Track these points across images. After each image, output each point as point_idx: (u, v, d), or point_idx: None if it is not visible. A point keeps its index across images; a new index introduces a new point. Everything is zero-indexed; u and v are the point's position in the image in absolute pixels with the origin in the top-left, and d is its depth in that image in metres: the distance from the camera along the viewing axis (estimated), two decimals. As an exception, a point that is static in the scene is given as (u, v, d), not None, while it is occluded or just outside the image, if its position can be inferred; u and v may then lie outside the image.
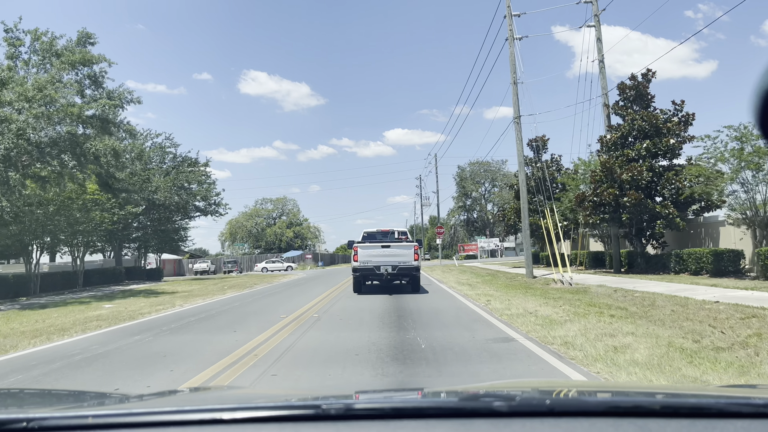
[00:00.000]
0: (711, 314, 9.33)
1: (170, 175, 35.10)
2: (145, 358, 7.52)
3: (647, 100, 21.94)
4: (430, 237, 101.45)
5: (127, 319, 12.69)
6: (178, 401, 2.09)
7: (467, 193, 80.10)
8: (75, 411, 1.76)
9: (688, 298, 12.06)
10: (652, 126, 20.85)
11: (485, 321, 10.31)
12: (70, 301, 20.27)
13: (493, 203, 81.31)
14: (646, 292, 13.92)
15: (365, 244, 17.16)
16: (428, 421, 1.34)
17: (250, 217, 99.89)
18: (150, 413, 1.50)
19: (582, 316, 10.10)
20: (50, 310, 16.81)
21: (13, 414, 1.47)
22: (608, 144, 22.24)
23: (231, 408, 1.48)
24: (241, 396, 2.41)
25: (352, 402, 1.62)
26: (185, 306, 15.98)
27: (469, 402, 1.52)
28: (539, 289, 16.99)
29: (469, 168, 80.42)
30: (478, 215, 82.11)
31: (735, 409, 1.35)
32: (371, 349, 7.33)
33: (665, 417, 1.32)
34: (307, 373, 6.19)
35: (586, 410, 1.39)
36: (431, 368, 6.15)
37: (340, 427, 1.34)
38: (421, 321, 10.47)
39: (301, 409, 1.48)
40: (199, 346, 8.31)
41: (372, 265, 16.65)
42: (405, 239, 18.63)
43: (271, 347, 7.82)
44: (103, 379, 6.25)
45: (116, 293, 24.80)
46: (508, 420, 1.32)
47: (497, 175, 79.59)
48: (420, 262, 16.95)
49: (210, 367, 6.56)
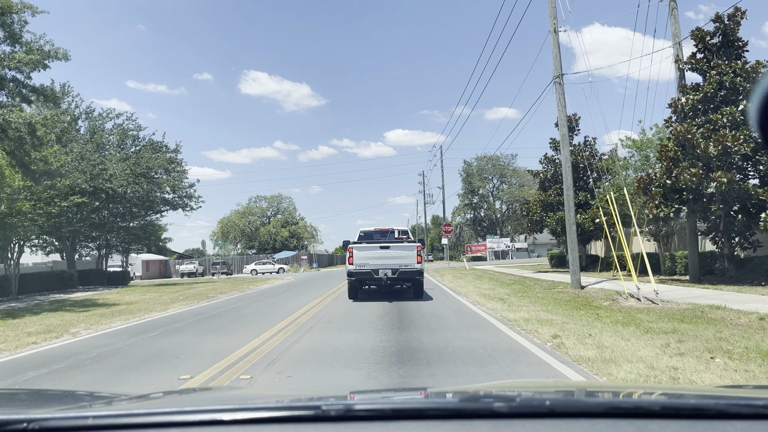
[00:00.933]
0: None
1: (129, 160, 29.42)
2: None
3: (737, 48, 16.32)
4: (432, 237, 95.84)
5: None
6: (179, 402, 2.04)
7: (474, 190, 74.28)
8: (76, 412, 1.71)
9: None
10: (750, 81, 15.22)
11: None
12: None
13: (501, 201, 75.60)
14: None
15: (362, 245, 15.47)
16: (428, 422, 1.34)
17: (242, 215, 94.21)
18: (150, 414, 1.49)
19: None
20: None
21: (14, 415, 1.45)
22: (684, 109, 16.59)
23: (231, 409, 1.48)
24: (242, 397, 2.31)
25: (352, 403, 1.61)
26: (68, 340, 10.35)
27: (470, 403, 1.55)
28: (614, 310, 11.34)
29: (476, 163, 74.74)
30: (485, 213, 76.31)
31: (735, 410, 1.34)
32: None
33: (666, 418, 1.31)
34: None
35: (587, 411, 1.38)
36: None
37: (340, 428, 1.34)
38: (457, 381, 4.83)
39: (301, 410, 1.47)
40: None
41: (369, 269, 15.01)
42: (406, 239, 17.11)
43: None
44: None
45: (36, 306, 19.23)
46: (509, 421, 1.32)
47: (506, 170, 73.85)
48: (423, 265, 15.43)
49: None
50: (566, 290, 16.97)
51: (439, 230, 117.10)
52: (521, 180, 73.30)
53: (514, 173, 73.88)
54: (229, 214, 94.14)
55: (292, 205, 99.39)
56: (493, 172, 73.87)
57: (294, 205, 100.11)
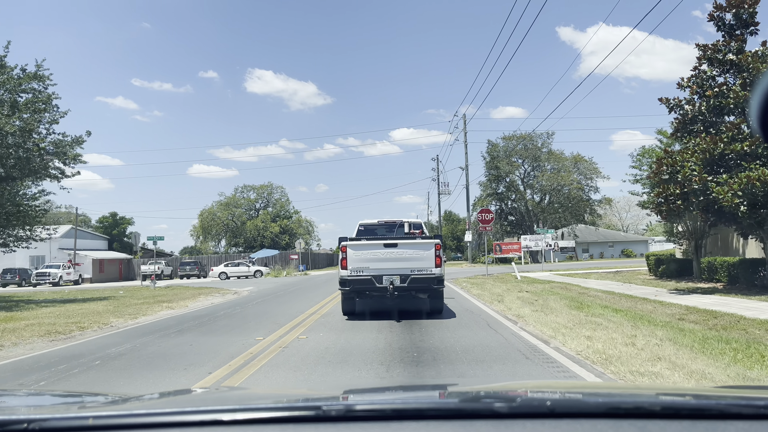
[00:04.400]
0: None
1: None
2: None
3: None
4: (444, 234, 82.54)
5: None
6: (179, 402, 2.02)
7: (500, 177, 60.76)
8: (76, 412, 1.69)
9: None
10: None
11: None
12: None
13: (534, 190, 62.06)
14: None
15: (360, 242, 11.74)
16: (429, 423, 1.34)
17: (226, 206, 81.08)
18: (150, 414, 1.49)
19: None
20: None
21: (14, 415, 1.45)
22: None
23: (231, 409, 1.48)
24: (242, 396, 2.31)
25: (352, 403, 1.60)
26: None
27: (470, 403, 1.55)
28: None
29: (503, 144, 61.18)
30: (512, 205, 62.75)
31: (736, 410, 1.35)
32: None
33: (666, 418, 1.31)
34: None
35: (587, 411, 1.37)
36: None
37: (341, 428, 1.34)
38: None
39: (302, 410, 1.47)
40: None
41: (369, 275, 11.31)
42: (419, 234, 12.95)
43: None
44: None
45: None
46: (509, 421, 1.32)
47: (540, 153, 60.32)
48: (443, 269, 11.67)
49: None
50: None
51: (452, 227, 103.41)
52: (559, 164, 59.86)
53: (551, 156, 60.38)
54: (210, 206, 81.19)
55: (284, 197, 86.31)
56: (525, 155, 60.33)
57: (287, 196, 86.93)
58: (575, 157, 60.84)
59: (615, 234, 77.04)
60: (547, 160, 60.13)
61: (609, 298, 14.97)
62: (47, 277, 47.49)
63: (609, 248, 71.58)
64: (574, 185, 58.70)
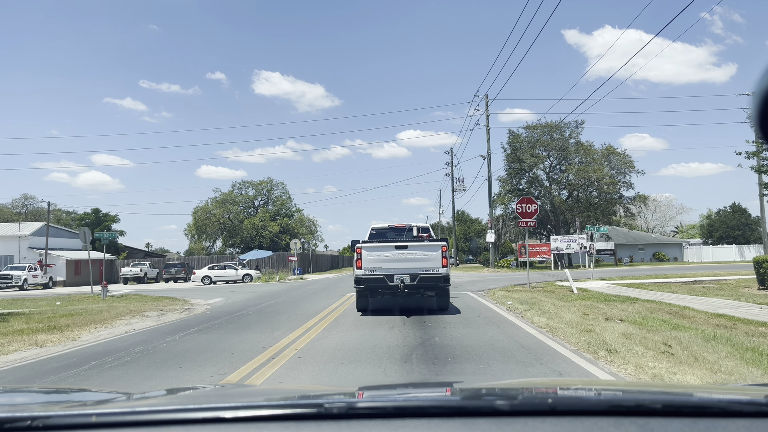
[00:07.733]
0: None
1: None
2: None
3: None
4: (458, 234, 76.10)
5: None
6: (182, 400, 1.98)
7: (522, 170, 54.25)
8: (78, 409, 1.68)
9: None
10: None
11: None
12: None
13: (559, 186, 55.46)
14: None
15: (373, 244, 12.85)
16: (430, 420, 1.32)
17: (221, 204, 75.00)
18: (153, 412, 1.48)
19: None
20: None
21: (17, 412, 1.44)
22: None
23: (233, 407, 1.46)
24: (244, 394, 2.28)
25: (354, 401, 1.59)
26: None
27: (472, 401, 1.55)
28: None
29: (526, 134, 54.65)
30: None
31: (737, 408, 1.34)
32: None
33: (667, 416, 1.30)
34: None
35: (588, 409, 1.36)
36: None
37: (343, 426, 1.32)
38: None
39: (304, 407, 1.46)
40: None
41: (382, 274, 12.53)
42: (427, 237, 14.64)
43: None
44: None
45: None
46: (511, 419, 1.31)
47: (567, 144, 53.71)
48: (450, 269, 12.94)
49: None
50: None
51: (464, 227, 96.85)
52: (588, 157, 53.34)
53: (579, 148, 53.83)
54: (205, 203, 75.16)
55: (285, 194, 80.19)
56: (551, 146, 53.77)
57: (288, 193, 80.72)
58: (607, 149, 54.24)
59: (645, 236, 70.29)
60: (576, 153, 53.56)
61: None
62: (8, 280, 41.60)
63: (639, 251, 64.87)
64: (606, 180, 52.12)
